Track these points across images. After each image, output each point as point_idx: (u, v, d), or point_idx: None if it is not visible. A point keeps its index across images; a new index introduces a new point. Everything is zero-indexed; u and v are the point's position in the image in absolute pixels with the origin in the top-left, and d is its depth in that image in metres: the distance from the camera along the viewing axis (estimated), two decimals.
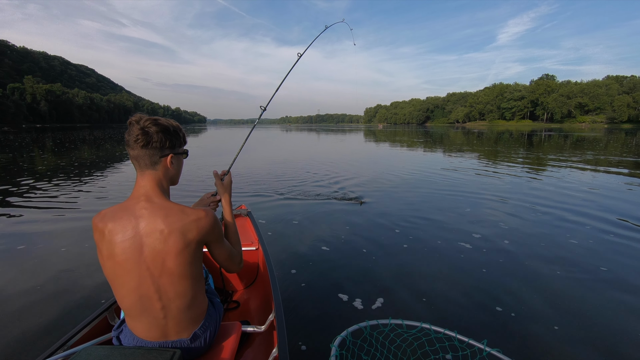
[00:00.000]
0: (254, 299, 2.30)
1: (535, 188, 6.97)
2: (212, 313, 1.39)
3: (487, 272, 3.13)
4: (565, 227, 4.42)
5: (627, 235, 4.09)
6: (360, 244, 3.82)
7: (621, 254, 3.55)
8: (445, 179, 8.14)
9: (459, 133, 42.14)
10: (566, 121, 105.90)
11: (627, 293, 2.76)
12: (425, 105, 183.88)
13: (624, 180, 7.90)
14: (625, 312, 2.49)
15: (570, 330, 2.26)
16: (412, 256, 3.51)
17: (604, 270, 3.17)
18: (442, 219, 4.75)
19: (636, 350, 2.08)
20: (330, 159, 12.75)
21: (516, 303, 2.60)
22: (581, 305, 2.57)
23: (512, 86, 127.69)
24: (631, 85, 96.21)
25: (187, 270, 1.20)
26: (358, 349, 1.66)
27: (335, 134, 39.86)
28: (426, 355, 1.66)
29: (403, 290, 2.80)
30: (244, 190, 6.71)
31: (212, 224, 1.23)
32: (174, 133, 1.24)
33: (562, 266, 3.25)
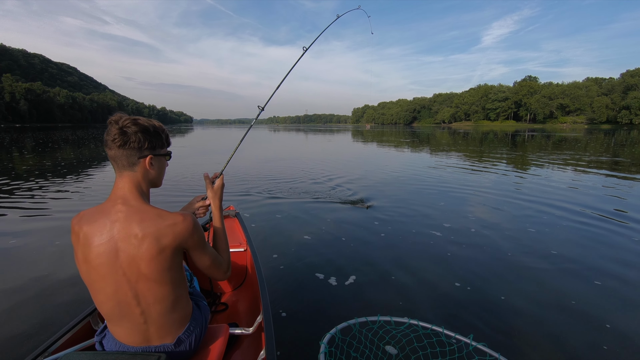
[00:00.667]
0: (242, 301, 2.29)
1: (526, 186, 7.14)
2: (197, 316, 1.37)
3: (473, 267, 3.19)
4: (548, 222, 4.55)
5: (602, 227, 4.25)
6: (349, 242, 3.84)
7: (600, 243, 3.68)
8: (431, 176, 8.26)
9: (445, 133, 42.76)
10: (548, 122, 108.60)
11: (610, 280, 2.86)
12: (412, 106, 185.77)
13: (600, 178, 8.19)
14: (606, 300, 2.58)
15: (553, 322, 2.33)
16: (401, 253, 3.55)
17: (582, 262, 3.27)
18: (429, 217, 4.82)
19: (616, 339, 2.15)
20: (318, 158, 12.78)
21: (501, 297, 2.66)
22: (562, 297, 2.65)
23: (496, 87, 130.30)
24: (609, 87, 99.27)
25: (165, 276, 1.16)
26: (347, 345, 1.68)
27: (324, 134, 39.92)
28: (414, 351, 1.69)
29: (392, 287, 2.84)
30: (233, 190, 6.67)
31: (189, 230, 1.17)
32: (154, 134, 1.20)
33: (544, 259, 3.35)
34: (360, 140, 28.45)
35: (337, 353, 1.61)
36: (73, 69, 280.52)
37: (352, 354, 1.69)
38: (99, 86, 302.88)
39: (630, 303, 2.64)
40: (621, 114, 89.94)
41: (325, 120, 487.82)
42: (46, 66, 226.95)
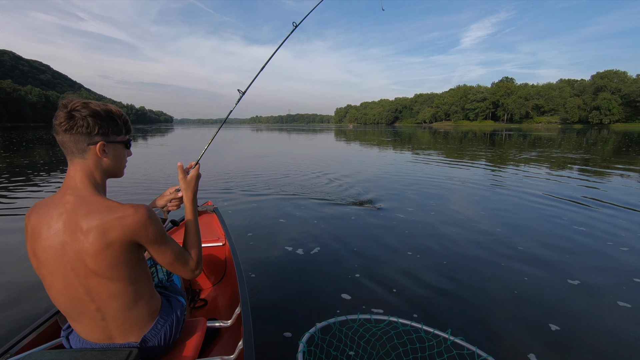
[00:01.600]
0: (222, 296, 2.29)
1: (530, 182, 7.37)
2: (167, 313, 1.32)
3: (454, 262, 3.30)
4: (529, 218, 4.74)
5: (574, 211, 4.47)
6: (330, 240, 3.89)
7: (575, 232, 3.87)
8: (411, 173, 8.42)
9: (426, 133, 43.50)
10: (524, 121, 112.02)
11: (586, 274, 3.01)
12: (394, 106, 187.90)
13: (570, 172, 8.55)
14: (578, 291, 2.72)
15: (527, 314, 2.44)
16: (378, 249, 3.62)
17: (560, 253, 3.44)
18: (407, 212, 4.92)
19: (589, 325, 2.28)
20: (301, 156, 12.80)
21: (477, 292, 2.77)
22: (537, 290, 2.78)
23: (475, 88, 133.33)
24: (581, 88, 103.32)
25: (115, 273, 1.08)
26: (327, 344, 1.68)
27: (307, 134, 39.90)
28: (395, 348, 1.71)
29: (372, 283, 2.89)
30: (215, 187, 6.62)
31: (141, 223, 1.07)
32: (106, 118, 1.11)
33: (518, 254, 3.50)
34: (343, 139, 28.60)
35: (316, 352, 1.61)
36: (46, 66, 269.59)
37: (332, 352, 1.69)
38: (74, 85, 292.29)
39: (604, 296, 2.79)
40: (592, 114, 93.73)
41: (308, 120, 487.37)
42: (17, 63, 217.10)
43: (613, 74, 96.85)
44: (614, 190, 6.78)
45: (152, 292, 1.27)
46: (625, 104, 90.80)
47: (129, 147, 1.24)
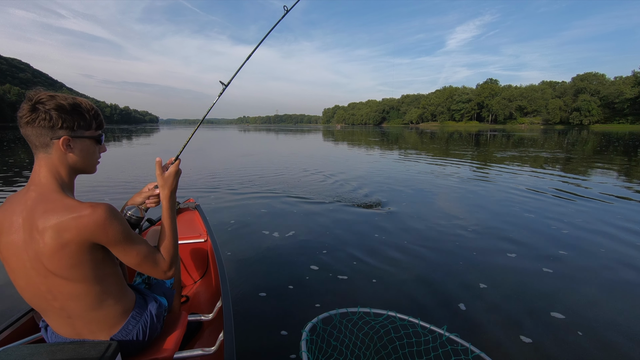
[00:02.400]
0: (205, 292, 2.30)
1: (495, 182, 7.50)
2: (141, 313, 1.30)
3: (448, 261, 3.33)
4: (515, 216, 4.83)
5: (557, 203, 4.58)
6: (313, 235, 3.88)
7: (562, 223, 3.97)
8: (401, 171, 8.50)
9: (413, 133, 44.00)
10: (508, 122, 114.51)
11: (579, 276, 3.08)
12: (381, 107, 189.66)
13: (552, 171, 8.79)
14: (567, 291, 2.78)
15: (515, 312, 2.48)
16: (370, 244, 3.62)
17: (548, 250, 3.51)
18: (398, 208, 4.95)
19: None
20: (289, 156, 12.77)
21: (472, 290, 2.80)
22: (527, 288, 2.83)
23: (460, 89, 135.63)
24: (562, 90, 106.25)
25: (74, 274, 1.05)
26: (328, 334, 1.73)
27: (295, 135, 39.87)
28: (392, 341, 1.74)
29: (362, 278, 2.90)
30: (199, 185, 6.54)
31: (97, 223, 1.02)
32: (73, 112, 1.06)
33: (512, 251, 3.55)
34: (331, 139, 28.69)
35: (318, 341, 1.65)
36: (25, 64, 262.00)
37: (332, 342, 1.74)
38: (55, 84, 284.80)
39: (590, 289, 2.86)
40: (572, 115, 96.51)
41: (296, 121, 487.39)
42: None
43: (592, 77, 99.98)
44: (597, 186, 6.98)
45: (123, 291, 1.24)
46: (604, 106, 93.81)
47: (100, 142, 1.19)
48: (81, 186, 6.89)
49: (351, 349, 1.81)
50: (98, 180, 7.46)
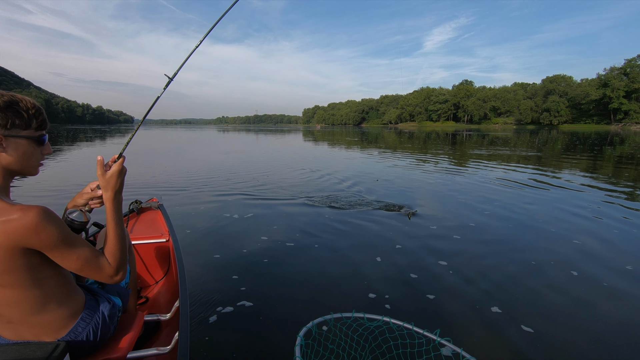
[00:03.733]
0: (165, 292, 2.29)
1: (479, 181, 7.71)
2: (92, 314, 1.27)
3: (440, 265, 3.41)
4: (495, 213, 5.00)
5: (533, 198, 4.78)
6: (293, 238, 3.89)
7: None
8: (380, 169, 8.61)
9: (392, 133, 44.63)
10: (483, 122, 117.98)
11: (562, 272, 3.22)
12: (361, 107, 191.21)
13: (529, 167, 9.16)
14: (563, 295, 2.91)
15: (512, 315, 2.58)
16: (340, 243, 3.66)
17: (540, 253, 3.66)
18: (379, 212, 5.03)
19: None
20: (265, 155, 12.72)
21: (463, 294, 2.88)
22: (519, 288, 2.94)
23: (437, 90, 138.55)
24: (533, 91, 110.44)
25: (7, 280, 1.02)
26: (324, 338, 1.76)
27: (275, 135, 39.64)
28: (386, 341, 1.75)
29: (331, 280, 2.93)
30: (167, 185, 6.41)
31: (28, 227, 0.97)
32: (6, 109, 1.02)
33: (502, 252, 3.68)
34: (311, 139, 28.71)
35: (314, 345, 1.67)
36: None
37: (329, 346, 1.75)
38: (22, 82, 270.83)
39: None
40: (543, 116, 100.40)
41: (276, 121, 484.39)
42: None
43: (561, 79, 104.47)
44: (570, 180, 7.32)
45: (69, 293, 1.20)
46: (572, 107, 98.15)
47: (41, 143, 1.13)
48: (47, 188, 6.63)
49: (347, 351, 1.83)
50: (65, 183, 7.18)
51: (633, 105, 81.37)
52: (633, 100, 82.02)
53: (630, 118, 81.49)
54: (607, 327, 2.26)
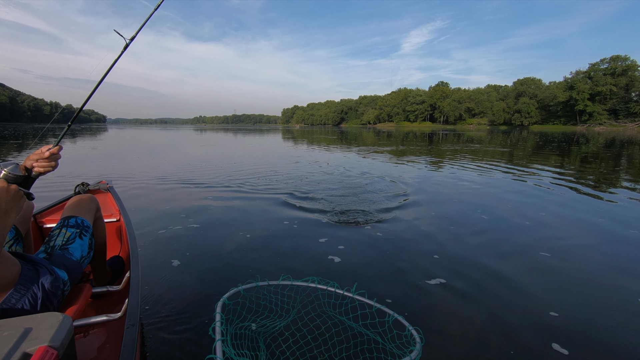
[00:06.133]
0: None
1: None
2: (28, 286, 1.24)
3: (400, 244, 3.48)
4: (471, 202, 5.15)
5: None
6: (241, 226, 3.94)
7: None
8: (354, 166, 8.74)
9: (371, 133, 45.20)
10: (458, 123, 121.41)
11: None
12: (340, 107, 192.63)
13: (503, 166, 9.51)
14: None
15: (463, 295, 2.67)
16: (287, 232, 3.71)
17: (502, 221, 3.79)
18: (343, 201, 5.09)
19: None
20: (245, 157, 12.60)
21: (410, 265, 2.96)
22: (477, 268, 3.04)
23: (414, 91, 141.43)
24: (505, 93, 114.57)
25: None
26: (241, 307, 1.74)
27: (254, 135, 39.30)
28: (312, 302, 1.85)
29: (275, 254, 3.13)
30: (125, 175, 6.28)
31: None
32: None
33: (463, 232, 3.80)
34: (290, 138, 28.67)
35: (233, 319, 1.67)
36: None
37: (253, 308, 1.78)
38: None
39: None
40: (514, 117, 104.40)
41: (255, 121, 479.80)
42: None
43: (530, 81, 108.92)
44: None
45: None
46: (541, 108, 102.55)
47: None
48: None
49: (273, 311, 1.83)
50: None
51: (597, 107, 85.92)
52: (597, 102, 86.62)
53: (594, 119, 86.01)
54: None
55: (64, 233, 1.60)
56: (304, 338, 1.74)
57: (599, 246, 3.57)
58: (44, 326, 0.97)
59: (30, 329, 0.96)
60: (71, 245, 1.58)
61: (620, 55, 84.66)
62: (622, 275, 2.85)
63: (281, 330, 1.71)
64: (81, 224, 1.69)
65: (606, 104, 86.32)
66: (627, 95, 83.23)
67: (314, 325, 1.79)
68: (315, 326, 1.79)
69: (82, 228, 1.68)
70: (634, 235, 3.91)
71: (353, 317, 1.54)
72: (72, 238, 1.59)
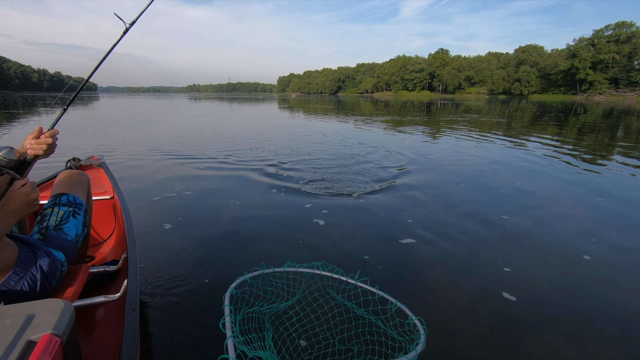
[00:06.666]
0: (113, 249, 2.28)
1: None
2: (26, 268, 1.26)
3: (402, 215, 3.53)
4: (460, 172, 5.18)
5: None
6: (235, 204, 3.94)
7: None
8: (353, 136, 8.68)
9: (369, 102, 44.49)
10: (457, 92, 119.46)
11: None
12: (337, 75, 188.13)
13: (501, 134, 9.48)
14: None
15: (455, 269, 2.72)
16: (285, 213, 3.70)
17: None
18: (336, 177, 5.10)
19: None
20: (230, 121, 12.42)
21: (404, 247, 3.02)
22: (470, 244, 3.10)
23: (413, 59, 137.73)
24: (506, 61, 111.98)
25: None
26: (248, 295, 1.73)
27: (249, 104, 38.56)
28: (317, 287, 1.86)
29: (274, 237, 3.11)
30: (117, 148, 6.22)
31: None
32: None
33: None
34: (286, 107, 28.19)
35: (241, 307, 1.66)
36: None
37: (260, 295, 1.76)
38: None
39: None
40: (514, 86, 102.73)
41: (250, 89, 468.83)
42: None
43: (532, 49, 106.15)
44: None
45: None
46: (542, 77, 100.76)
47: None
48: None
49: (281, 296, 1.84)
50: None
51: (598, 76, 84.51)
52: (598, 71, 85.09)
53: (594, 89, 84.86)
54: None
55: (57, 212, 1.57)
56: (307, 317, 1.77)
57: (570, 214, 3.85)
58: (45, 313, 0.97)
59: (33, 316, 0.95)
60: (65, 225, 1.56)
61: (625, 22, 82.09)
62: (579, 239, 3.15)
63: (286, 309, 1.74)
64: (73, 202, 1.65)
65: (607, 72, 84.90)
66: (630, 64, 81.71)
67: (317, 305, 1.82)
68: (318, 306, 1.82)
69: (74, 206, 1.64)
70: (603, 203, 4.19)
71: (356, 303, 1.56)
72: (66, 217, 1.57)
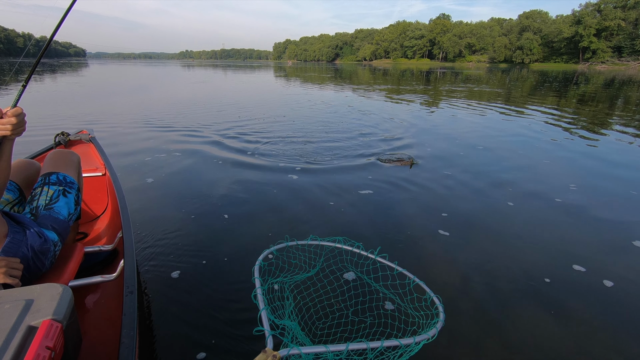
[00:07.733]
0: (107, 227, 2.26)
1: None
2: (16, 249, 1.23)
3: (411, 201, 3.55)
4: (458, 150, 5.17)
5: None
6: (237, 192, 3.91)
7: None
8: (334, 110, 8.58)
9: (367, 71, 43.50)
10: (457, 60, 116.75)
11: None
12: (335, 42, 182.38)
13: (500, 105, 9.40)
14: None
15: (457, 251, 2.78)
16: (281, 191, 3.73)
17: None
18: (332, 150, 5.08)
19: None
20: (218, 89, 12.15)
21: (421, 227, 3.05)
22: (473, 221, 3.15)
23: (413, 25, 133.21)
24: (509, 27, 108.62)
25: None
26: (281, 261, 1.79)
27: (244, 71, 37.57)
28: (336, 260, 1.85)
29: (271, 210, 3.11)
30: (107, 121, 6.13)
31: None
32: None
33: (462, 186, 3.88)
34: (282, 75, 27.53)
35: (267, 279, 1.69)
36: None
37: (285, 267, 1.79)
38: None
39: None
40: (516, 54, 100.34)
41: (245, 56, 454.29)
42: None
43: (537, 14, 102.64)
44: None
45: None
46: (544, 44, 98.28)
47: None
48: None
49: (302, 267, 1.86)
50: None
51: (601, 44, 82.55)
52: (602, 39, 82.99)
53: (597, 57, 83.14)
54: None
55: (47, 192, 1.53)
56: (324, 288, 1.82)
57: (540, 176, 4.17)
58: (45, 298, 0.96)
59: (32, 301, 0.95)
60: (56, 204, 1.53)
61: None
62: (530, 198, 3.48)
63: (305, 280, 1.77)
64: (63, 181, 1.61)
65: (612, 40, 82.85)
66: (635, 31, 79.57)
67: (334, 278, 1.87)
68: (335, 278, 1.88)
69: (64, 185, 1.60)
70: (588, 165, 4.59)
71: (374, 278, 1.59)
72: (56, 197, 1.54)
